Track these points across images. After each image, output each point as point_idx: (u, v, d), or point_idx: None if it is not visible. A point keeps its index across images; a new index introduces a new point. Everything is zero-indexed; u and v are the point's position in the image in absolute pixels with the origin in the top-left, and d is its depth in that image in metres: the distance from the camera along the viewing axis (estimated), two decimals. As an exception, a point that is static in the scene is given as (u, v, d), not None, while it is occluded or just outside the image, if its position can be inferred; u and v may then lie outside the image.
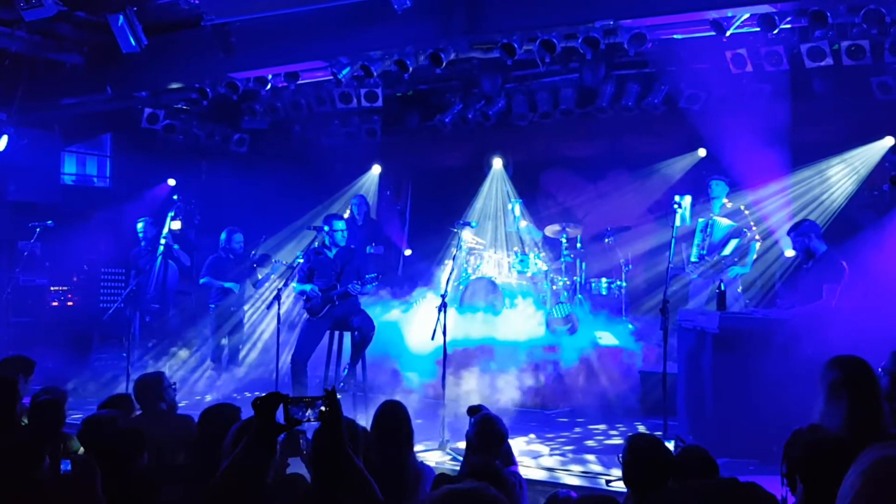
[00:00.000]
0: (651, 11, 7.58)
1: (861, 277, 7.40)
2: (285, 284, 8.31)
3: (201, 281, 10.29)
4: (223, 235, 10.31)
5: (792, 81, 9.14)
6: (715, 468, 3.66)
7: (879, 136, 9.94)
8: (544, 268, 10.46)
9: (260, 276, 10.57)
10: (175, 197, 11.01)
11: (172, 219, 10.64)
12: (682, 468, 3.63)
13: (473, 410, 4.76)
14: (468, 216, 11.62)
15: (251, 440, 3.10)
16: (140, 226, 10.64)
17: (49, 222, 10.29)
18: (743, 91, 9.62)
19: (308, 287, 8.33)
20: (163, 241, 10.47)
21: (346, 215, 11.75)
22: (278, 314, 8.09)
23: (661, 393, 6.82)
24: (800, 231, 7.11)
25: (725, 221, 9.28)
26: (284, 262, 10.35)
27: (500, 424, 4.52)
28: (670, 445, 5.66)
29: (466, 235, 10.56)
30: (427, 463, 5.50)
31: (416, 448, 4.74)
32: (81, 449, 4.51)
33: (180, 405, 5.57)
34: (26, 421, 4.94)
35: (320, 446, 3.34)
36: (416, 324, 9.75)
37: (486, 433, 4.45)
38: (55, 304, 11.50)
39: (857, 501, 1.84)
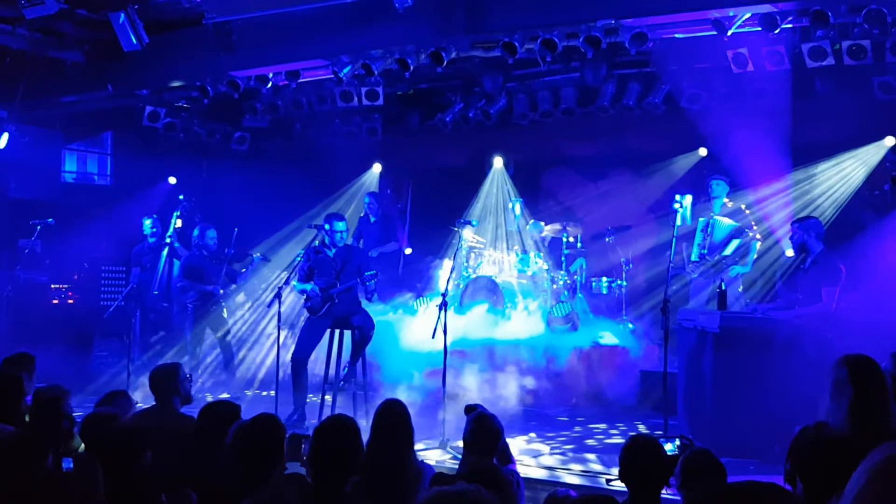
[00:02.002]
0: (652, 11, 7.58)
1: (862, 277, 7.41)
2: (286, 283, 8.30)
3: (178, 285, 10.13)
4: (195, 232, 10.11)
5: (793, 81, 9.12)
6: (722, 472, 3.66)
7: (880, 136, 9.94)
8: (545, 266, 10.46)
9: (242, 270, 10.45)
10: (181, 197, 10.97)
11: (178, 218, 10.61)
12: (689, 473, 3.63)
13: (469, 409, 4.78)
14: (469, 215, 11.61)
15: None
16: (147, 223, 10.60)
17: (50, 220, 10.29)
18: (744, 90, 9.62)
19: (308, 286, 8.33)
20: (168, 239, 10.44)
21: (360, 214, 11.78)
22: (279, 313, 8.08)
23: (662, 392, 6.82)
24: (802, 226, 7.09)
25: (727, 221, 9.27)
26: (260, 255, 10.30)
27: (495, 422, 4.52)
28: (675, 444, 5.67)
29: (467, 234, 10.56)
30: (428, 461, 5.50)
31: (417, 447, 4.74)
32: (83, 446, 4.51)
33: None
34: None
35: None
36: (416, 323, 9.75)
37: (481, 431, 4.45)
38: (56, 301, 11.49)
39: (861, 497, 1.84)
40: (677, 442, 4.62)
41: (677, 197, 7.73)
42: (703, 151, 10.99)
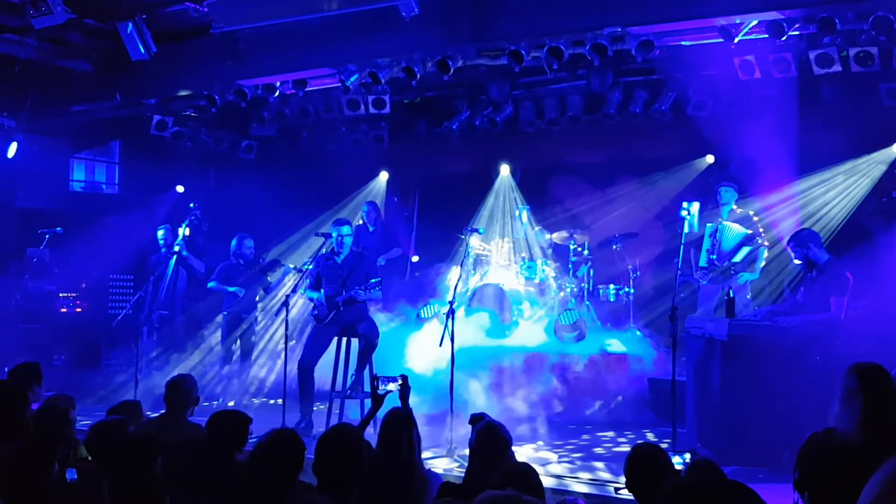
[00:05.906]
0: (659, 18, 7.59)
1: (870, 284, 7.37)
2: (293, 290, 8.31)
3: (209, 285, 10.31)
4: (234, 242, 10.29)
5: (800, 88, 9.10)
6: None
7: (888, 143, 9.90)
8: (552, 274, 10.44)
9: (272, 281, 10.56)
10: (192, 205, 10.99)
11: (186, 227, 10.66)
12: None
13: (476, 419, 4.73)
14: (476, 222, 11.59)
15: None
16: (161, 233, 10.67)
17: (58, 229, 10.34)
18: (751, 97, 9.59)
19: (316, 294, 8.35)
20: (176, 248, 10.48)
21: (358, 223, 11.78)
22: (286, 320, 8.09)
23: (670, 400, 6.79)
24: (798, 241, 7.11)
25: (737, 228, 9.21)
26: (293, 266, 10.35)
27: (503, 432, 4.47)
28: (686, 457, 5.64)
29: (474, 242, 10.54)
30: (435, 470, 5.49)
31: (424, 455, 4.74)
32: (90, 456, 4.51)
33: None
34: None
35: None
36: (423, 331, 9.74)
37: (490, 441, 4.38)
38: (64, 310, 11.52)
39: None
40: (687, 457, 4.59)
41: (685, 204, 7.72)
42: (710, 158, 10.96)
